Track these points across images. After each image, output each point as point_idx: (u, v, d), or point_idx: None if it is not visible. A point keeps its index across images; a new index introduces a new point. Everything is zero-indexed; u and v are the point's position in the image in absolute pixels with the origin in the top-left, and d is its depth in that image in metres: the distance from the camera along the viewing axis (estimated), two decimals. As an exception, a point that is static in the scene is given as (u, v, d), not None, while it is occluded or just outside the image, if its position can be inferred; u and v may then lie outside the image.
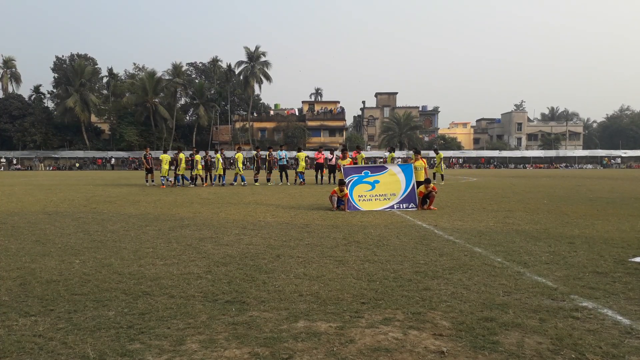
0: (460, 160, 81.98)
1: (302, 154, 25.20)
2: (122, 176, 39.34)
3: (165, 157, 24.57)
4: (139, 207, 13.12)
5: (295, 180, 25.20)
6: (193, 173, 24.13)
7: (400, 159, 56.62)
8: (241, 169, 24.39)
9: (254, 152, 26.65)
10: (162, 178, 24.63)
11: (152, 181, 24.74)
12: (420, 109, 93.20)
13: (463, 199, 15.43)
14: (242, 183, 24.05)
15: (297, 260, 6.27)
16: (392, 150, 24.26)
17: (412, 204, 12.35)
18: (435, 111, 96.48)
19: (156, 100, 77.21)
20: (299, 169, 24.92)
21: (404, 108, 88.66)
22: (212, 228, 9.15)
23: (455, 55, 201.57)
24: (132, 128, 76.13)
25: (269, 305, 4.37)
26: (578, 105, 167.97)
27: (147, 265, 5.97)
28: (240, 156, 24.34)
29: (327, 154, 24.93)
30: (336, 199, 12.30)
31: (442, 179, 26.06)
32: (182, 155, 23.91)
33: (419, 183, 12.84)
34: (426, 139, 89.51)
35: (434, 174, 26.21)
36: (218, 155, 24.11)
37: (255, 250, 6.90)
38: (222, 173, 23.99)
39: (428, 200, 12.36)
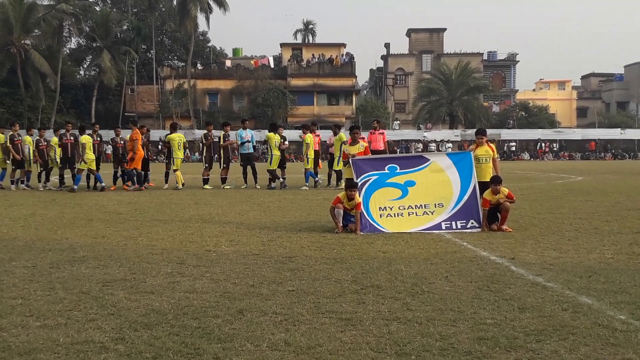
0: (555, 146, 52.80)
1: (175, 136, 15.98)
2: None
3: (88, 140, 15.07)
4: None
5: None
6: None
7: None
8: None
9: (202, 133, 17.60)
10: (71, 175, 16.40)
11: (23, 182, 16.22)
12: (485, 57, 63.26)
13: (560, 213, 11.47)
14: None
15: (273, 318, 4.12)
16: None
17: (472, 220, 8.70)
18: (512, 61, 65.59)
19: (28, 42, 50.13)
20: (174, 167, 15.78)
21: (457, 56, 59.81)
22: (125, 263, 6.46)
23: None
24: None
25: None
26: None
27: (11, 329, 3.88)
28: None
29: (327, 134, 18.55)
30: (342, 212, 9.35)
31: (339, 181, 15.47)
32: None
33: (483, 185, 8.96)
34: (496, 108, 61.46)
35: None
36: (27, 137, 16.08)
37: (200, 302, 4.64)
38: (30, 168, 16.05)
39: (499, 216, 8.80)
